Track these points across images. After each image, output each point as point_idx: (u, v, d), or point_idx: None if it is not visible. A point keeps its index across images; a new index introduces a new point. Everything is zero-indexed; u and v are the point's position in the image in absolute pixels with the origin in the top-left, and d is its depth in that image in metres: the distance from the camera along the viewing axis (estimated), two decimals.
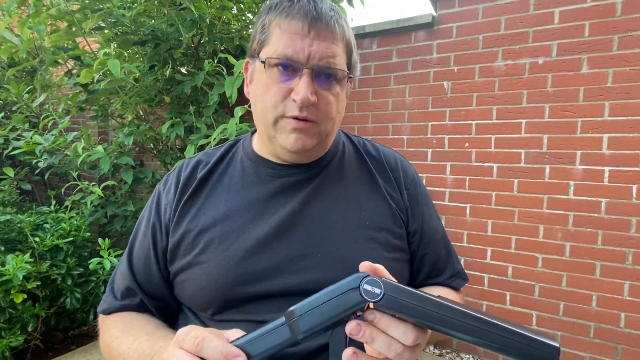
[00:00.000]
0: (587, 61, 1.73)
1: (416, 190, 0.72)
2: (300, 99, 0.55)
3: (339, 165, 0.69)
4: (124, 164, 2.31)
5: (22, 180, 2.99)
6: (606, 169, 1.71)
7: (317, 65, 0.56)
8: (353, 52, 0.62)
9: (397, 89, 2.17)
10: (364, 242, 0.63)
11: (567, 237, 1.80)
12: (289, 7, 0.56)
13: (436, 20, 2.04)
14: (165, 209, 0.66)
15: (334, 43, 0.57)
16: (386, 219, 0.66)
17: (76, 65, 2.29)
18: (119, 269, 0.69)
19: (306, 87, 0.55)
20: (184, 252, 0.63)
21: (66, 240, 2.04)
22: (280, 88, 0.57)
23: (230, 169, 0.69)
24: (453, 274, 0.74)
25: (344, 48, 0.60)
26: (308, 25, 0.55)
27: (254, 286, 0.59)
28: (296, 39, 0.55)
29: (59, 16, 1.89)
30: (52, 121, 2.24)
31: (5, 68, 2.80)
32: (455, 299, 0.72)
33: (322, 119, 0.59)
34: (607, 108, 1.70)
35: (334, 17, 0.57)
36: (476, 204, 1.99)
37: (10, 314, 1.75)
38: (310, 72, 0.56)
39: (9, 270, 1.68)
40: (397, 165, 0.73)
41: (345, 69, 0.59)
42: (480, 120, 1.96)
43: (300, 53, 0.55)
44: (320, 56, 0.56)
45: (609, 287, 1.72)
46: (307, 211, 0.63)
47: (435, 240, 0.72)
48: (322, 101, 0.58)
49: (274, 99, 0.57)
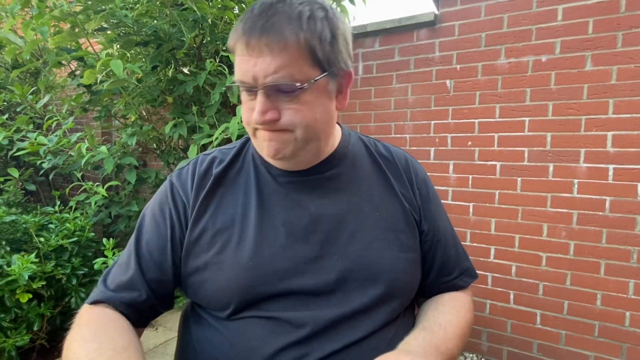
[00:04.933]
0: (591, 58, 1.72)
1: (427, 190, 0.73)
2: (253, 119, 0.57)
3: (352, 166, 0.69)
4: (127, 164, 2.32)
5: (27, 181, 3.01)
6: (610, 166, 1.70)
7: (264, 84, 0.54)
8: (319, 46, 0.55)
9: (400, 87, 2.17)
10: (379, 243, 0.64)
11: (571, 235, 1.79)
12: (241, 26, 0.55)
13: (438, 18, 2.03)
14: (182, 203, 0.65)
15: (279, 56, 0.53)
16: (400, 219, 0.67)
17: (79, 66, 2.30)
18: (118, 263, 0.66)
19: (258, 107, 0.55)
20: (201, 250, 0.62)
21: (71, 241, 2.06)
22: (249, 106, 0.59)
23: (245, 167, 0.69)
24: (461, 272, 0.75)
25: (299, 52, 0.54)
26: (247, 45, 0.54)
27: (273, 286, 0.60)
28: (243, 62, 0.55)
29: (62, 17, 1.90)
30: (56, 122, 2.26)
31: (10, 69, 2.81)
32: (461, 302, 0.72)
33: (295, 127, 0.57)
34: (611, 105, 1.69)
35: (274, 25, 0.53)
36: (479, 203, 1.99)
37: (16, 313, 1.77)
38: (263, 92, 0.55)
39: (15, 270, 1.69)
40: (408, 165, 0.73)
41: (300, 78, 0.54)
42: (483, 119, 1.95)
43: (247, 75, 0.55)
44: (265, 74, 0.54)
45: (614, 285, 1.71)
46: (323, 212, 0.64)
47: (446, 240, 0.73)
48: (287, 113, 0.56)
49: (246, 116, 0.60)
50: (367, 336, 0.60)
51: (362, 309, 0.61)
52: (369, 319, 0.61)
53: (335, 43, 0.58)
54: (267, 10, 0.54)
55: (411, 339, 0.60)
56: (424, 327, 0.63)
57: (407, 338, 0.60)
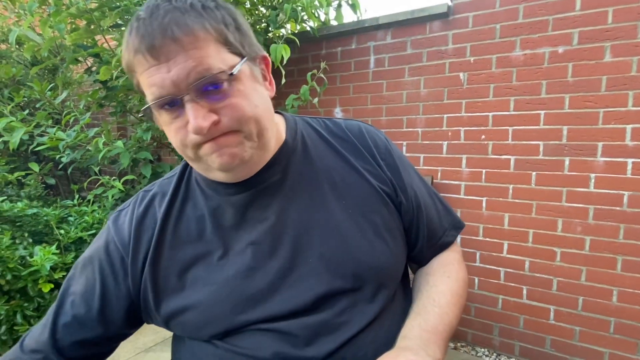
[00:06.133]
0: (610, 49, 1.67)
1: (392, 159, 0.66)
2: (192, 130, 0.49)
3: (303, 157, 0.63)
4: (142, 158, 2.37)
5: (47, 175, 3.11)
6: (629, 160, 1.66)
7: (189, 86, 0.48)
8: (228, 31, 0.51)
9: (412, 81, 2.15)
10: (353, 232, 0.60)
11: (587, 230, 1.76)
12: (132, 39, 0.49)
13: (452, 9, 2.00)
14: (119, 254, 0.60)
15: (192, 50, 0.48)
16: (370, 199, 0.62)
17: (95, 63, 2.35)
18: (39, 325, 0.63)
19: (192, 115, 0.48)
20: (170, 293, 0.59)
21: (89, 233, 2.12)
22: (177, 126, 0.51)
23: (191, 195, 0.63)
24: (445, 229, 0.72)
25: (211, 40, 0.49)
26: (151, 53, 0.47)
27: (255, 311, 0.57)
28: (152, 75, 0.48)
29: (79, 14, 1.94)
30: (74, 117, 2.31)
31: (29, 66, 2.89)
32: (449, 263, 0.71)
33: (239, 124, 0.51)
34: (631, 98, 1.64)
35: (173, 20, 0.47)
36: (493, 197, 1.97)
37: (38, 302, 1.84)
38: (190, 98, 0.48)
39: (37, 261, 1.76)
40: (364, 137, 0.67)
41: (225, 65, 0.49)
42: (497, 112, 1.92)
43: (165, 87, 0.48)
44: (185, 75, 0.47)
45: (631, 282, 1.68)
46: (285, 218, 0.59)
47: (425, 203, 0.69)
48: (226, 111, 0.50)
49: (179, 138, 0.52)
50: (362, 330, 0.58)
51: (351, 305, 0.59)
52: (361, 313, 0.59)
53: (241, 27, 0.54)
54: (155, 11, 0.48)
55: (407, 330, 0.58)
56: (418, 312, 0.61)
57: (403, 330, 0.58)
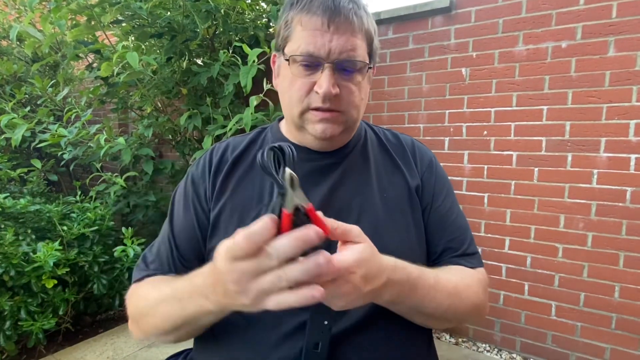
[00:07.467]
0: (614, 44, 1.65)
1: (431, 171, 0.75)
2: (322, 92, 0.59)
3: (362, 150, 0.73)
4: (144, 155, 2.37)
5: (49, 172, 3.12)
6: (632, 156, 1.65)
7: (337, 59, 0.59)
8: (374, 39, 0.65)
9: (414, 76, 2.13)
10: (386, 221, 0.66)
11: (589, 226, 1.75)
12: (309, 3, 0.59)
13: (454, 4, 1.98)
14: (201, 188, 0.69)
15: (353, 35, 0.60)
16: (406, 198, 0.70)
17: (96, 59, 2.34)
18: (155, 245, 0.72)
19: (328, 80, 0.59)
20: (223, 226, 0.65)
21: (92, 229, 2.13)
22: (304, 83, 0.61)
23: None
24: (464, 254, 0.72)
25: (364, 38, 0.62)
26: (327, 21, 0.58)
27: None
28: (317, 36, 0.59)
29: (79, 10, 1.93)
30: (75, 114, 2.31)
31: (30, 63, 2.89)
32: (469, 273, 0.69)
33: (346, 108, 0.63)
34: (634, 93, 1.63)
35: (352, 9, 0.59)
36: (495, 193, 1.96)
37: (42, 298, 1.85)
38: (331, 66, 0.59)
39: (40, 257, 1.77)
40: (414, 147, 0.77)
41: (365, 60, 0.62)
42: (500, 108, 1.91)
43: (321, 49, 0.59)
44: (341, 50, 0.59)
45: (633, 277, 1.68)
46: (334, 196, 0.66)
47: (450, 221, 0.72)
48: (345, 91, 0.61)
49: (299, 93, 0.62)
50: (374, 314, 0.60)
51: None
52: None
53: (376, 38, 0.66)
54: None
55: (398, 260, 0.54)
56: (419, 267, 0.57)
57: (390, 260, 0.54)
